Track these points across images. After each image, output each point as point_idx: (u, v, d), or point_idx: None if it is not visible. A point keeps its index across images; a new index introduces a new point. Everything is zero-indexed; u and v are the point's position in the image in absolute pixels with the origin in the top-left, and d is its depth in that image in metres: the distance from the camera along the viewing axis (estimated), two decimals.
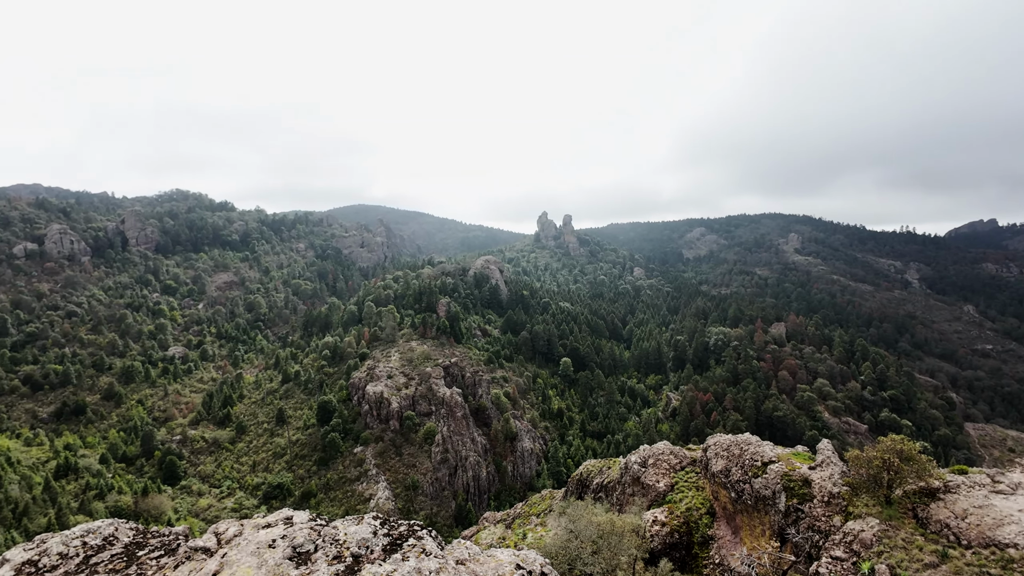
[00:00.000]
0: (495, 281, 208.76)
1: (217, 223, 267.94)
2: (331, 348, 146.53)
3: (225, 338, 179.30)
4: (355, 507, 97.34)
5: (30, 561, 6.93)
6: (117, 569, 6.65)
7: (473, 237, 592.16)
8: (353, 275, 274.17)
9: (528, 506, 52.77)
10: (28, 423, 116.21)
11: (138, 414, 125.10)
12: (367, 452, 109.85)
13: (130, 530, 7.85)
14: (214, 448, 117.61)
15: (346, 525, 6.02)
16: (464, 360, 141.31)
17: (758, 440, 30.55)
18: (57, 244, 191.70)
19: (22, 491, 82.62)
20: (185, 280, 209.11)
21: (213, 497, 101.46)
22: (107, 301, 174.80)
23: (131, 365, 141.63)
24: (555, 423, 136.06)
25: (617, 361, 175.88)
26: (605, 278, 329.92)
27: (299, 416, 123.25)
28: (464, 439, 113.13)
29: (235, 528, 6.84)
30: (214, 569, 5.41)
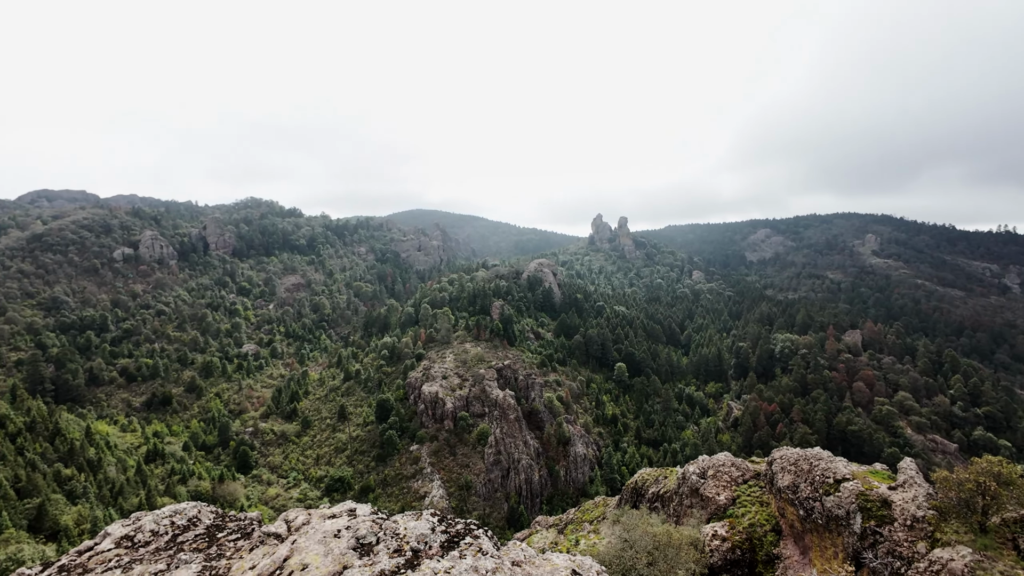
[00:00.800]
0: (548, 284, 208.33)
1: (286, 228, 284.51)
2: (389, 348, 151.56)
3: (293, 337, 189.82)
4: (410, 503, 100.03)
5: (127, 536, 7.62)
6: (200, 548, 7.18)
7: (527, 240, 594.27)
8: (410, 278, 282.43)
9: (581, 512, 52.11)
10: (124, 411, 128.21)
11: (216, 406, 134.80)
12: (422, 451, 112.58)
13: (211, 513, 8.44)
14: (282, 440, 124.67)
15: (406, 520, 6.21)
16: (517, 363, 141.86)
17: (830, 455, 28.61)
18: (149, 249, 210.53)
19: (118, 472, 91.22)
20: (258, 282, 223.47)
21: (280, 487, 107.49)
22: (190, 301, 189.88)
23: (210, 361, 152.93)
24: (609, 429, 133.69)
25: (674, 367, 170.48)
26: (662, 281, 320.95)
27: (359, 413, 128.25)
28: (517, 441, 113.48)
29: (303, 517, 7.22)
30: (285, 554, 5.73)
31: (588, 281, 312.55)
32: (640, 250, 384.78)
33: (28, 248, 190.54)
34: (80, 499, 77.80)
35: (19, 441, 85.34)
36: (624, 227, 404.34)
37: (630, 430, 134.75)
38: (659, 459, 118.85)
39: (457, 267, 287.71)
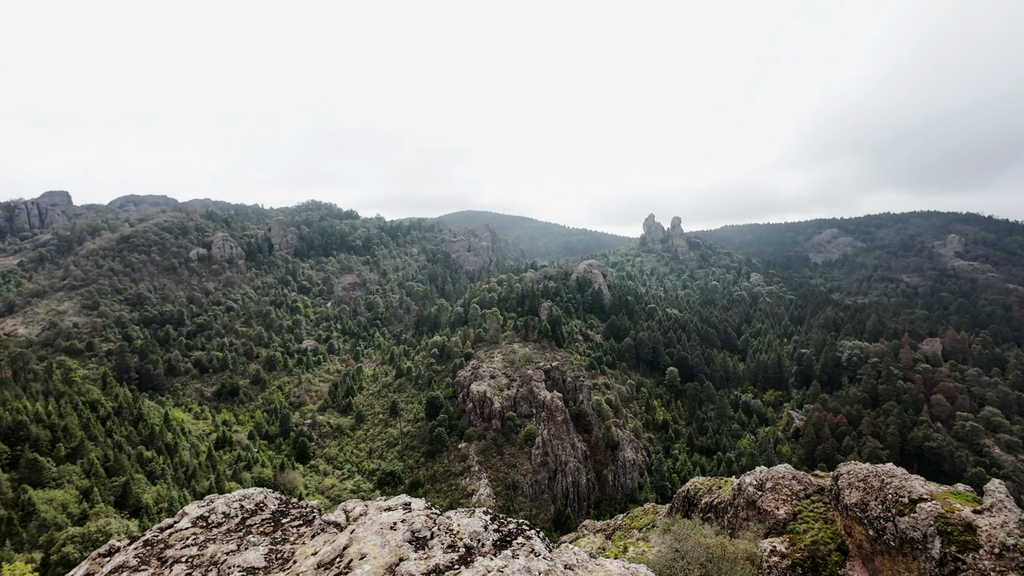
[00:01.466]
0: (598, 285, 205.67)
1: (344, 230, 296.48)
2: (439, 347, 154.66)
3: (348, 334, 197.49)
4: (458, 500, 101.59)
5: (202, 516, 8.18)
6: (266, 532, 7.59)
7: (576, 241, 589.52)
8: (460, 278, 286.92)
9: (629, 518, 51.04)
10: (197, 400, 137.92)
11: (278, 398, 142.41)
12: (470, 449, 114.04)
13: (276, 499, 8.91)
14: (337, 433, 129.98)
15: (459, 516, 6.30)
16: (565, 364, 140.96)
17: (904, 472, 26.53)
18: (220, 249, 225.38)
19: (191, 457, 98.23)
20: (317, 281, 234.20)
21: (336, 478, 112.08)
22: (256, 298, 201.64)
23: (273, 355, 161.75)
24: (660, 435, 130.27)
25: (730, 373, 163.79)
26: (717, 284, 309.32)
27: (410, 409, 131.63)
28: (564, 444, 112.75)
29: (360, 508, 7.48)
30: (344, 543, 5.95)
31: (639, 283, 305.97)
32: (694, 251, 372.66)
33: (117, 248, 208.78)
34: (159, 480, 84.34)
35: (108, 424, 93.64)
36: (677, 227, 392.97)
37: (682, 437, 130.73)
38: (712, 468, 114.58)
39: (506, 268, 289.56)
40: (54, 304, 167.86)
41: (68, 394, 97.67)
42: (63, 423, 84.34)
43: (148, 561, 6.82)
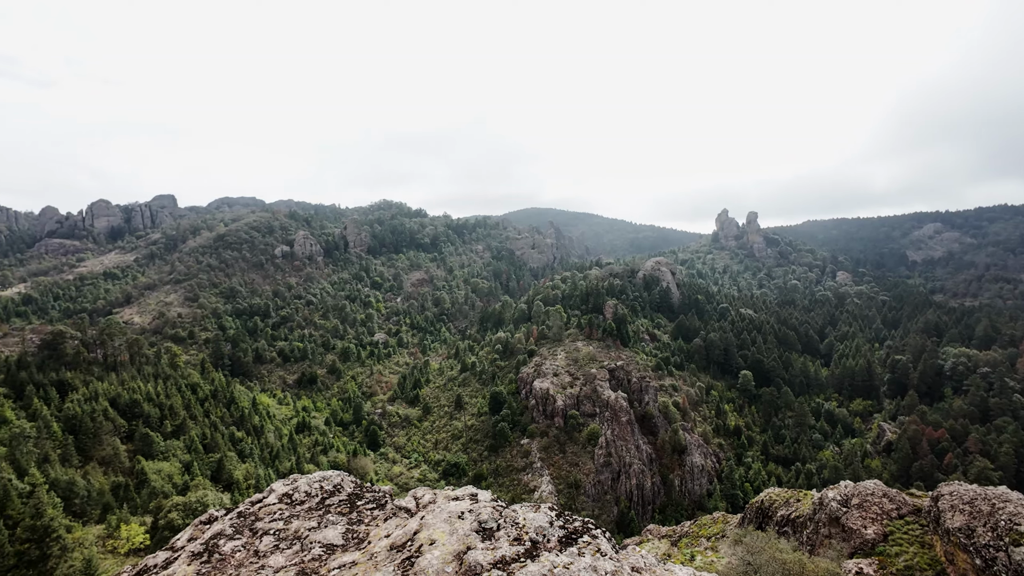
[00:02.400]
0: (666, 284, 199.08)
1: (413, 228, 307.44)
2: (503, 343, 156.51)
3: (416, 328, 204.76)
4: (520, 495, 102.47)
5: (287, 494, 8.82)
6: (343, 512, 8.05)
7: (643, 238, 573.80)
8: (524, 275, 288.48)
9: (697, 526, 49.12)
10: (280, 387, 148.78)
11: (352, 388, 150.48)
12: (532, 445, 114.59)
13: (352, 483, 9.43)
14: (405, 424, 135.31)
15: (524, 510, 6.36)
16: (630, 364, 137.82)
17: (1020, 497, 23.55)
18: (302, 247, 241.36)
19: (275, 439, 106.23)
20: (388, 277, 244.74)
21: (403, 466, 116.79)
22: (333, 293, 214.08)
23: (348, 347, 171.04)
24: (731, 441, 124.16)
25: (811, 379, 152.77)
26: (798, 283, 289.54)
27: (474, 403, 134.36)
28: (628, 445, 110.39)
29: (429, 496, 7.75)
30: (415, 528, 6.18)
31: (710, 281, 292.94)
32: (772, 248, 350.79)
33: (214, 246, 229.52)
34: (248, 458, 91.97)
35: (205, 405, 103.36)
36: (753, 223, 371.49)
37: (755, 444, 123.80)
38: (790, 479, 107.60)
39: (570, 265, 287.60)
40: (162, 296, 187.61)
41: (173, 377, 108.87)
42: (169, 403, 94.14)
43: (241, 531, 7.47)
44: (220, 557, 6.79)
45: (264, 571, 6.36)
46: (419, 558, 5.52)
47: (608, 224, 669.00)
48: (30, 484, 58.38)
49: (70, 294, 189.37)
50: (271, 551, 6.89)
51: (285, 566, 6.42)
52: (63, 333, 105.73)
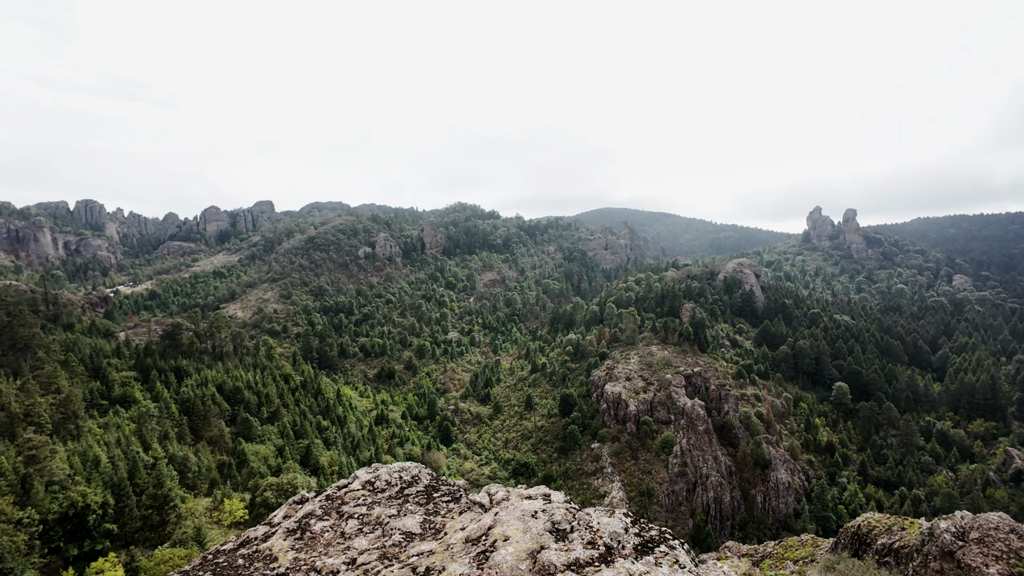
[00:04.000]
0: (749, 287, 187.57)
1: (486, 229, 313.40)
2: (574, 345, 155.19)
3: (488, 328, 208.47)
4: (590, 500, 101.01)
5: (369, 481, 9.32)
6: (421, 503, 8.37)
7: (724, 238, 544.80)
8: (596, 276, 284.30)
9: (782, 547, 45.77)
10: (362, 380, 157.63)
11: (427, 384, 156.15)
12: (603, 449, 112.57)
13: (428, 475, 9.78)
14: (477, 421, 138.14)
15: (598, 514, 6.27)
16: (708, 371, 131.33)
17: None
18: (383, 248, 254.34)
19: (357, 429, 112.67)
20: (461, 277, 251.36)
21: (474, 463, 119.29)
22: (410, 292, 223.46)
23: (423, 344, 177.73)
24: (822, 458, 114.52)
25: (920, 394, 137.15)
26: (905, 287, 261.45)
27: (544, 405, 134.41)
28: (705, 455, 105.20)
29: (503, 493, 7.85)
30: (489, 523, 6.29)
31: (800, 284, 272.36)
32: (873, 248, 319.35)
33: (305, 248, 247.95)
34: (332, 446, 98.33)
35: (296, 395, 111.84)
36: (851, 221, 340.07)
37: (851, 463, 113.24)
38: (892, 505, 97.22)
39: (645, 266, 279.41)
40: (261, 293, 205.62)
41: (269, 368, 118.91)
42: (265, 391, 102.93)
43: (329, 513, 8.00)
44: (311, 535, 7.32)
45: (350, 551, 6.77)
46: (493, 553, 5.61)
47: (686, 224, 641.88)
48: (153, 457, 66.33)
49: (186, 290, 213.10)
50: (355, 534, 7.32)
51: (368, 549, 6.79)
52: (180, 325, 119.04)
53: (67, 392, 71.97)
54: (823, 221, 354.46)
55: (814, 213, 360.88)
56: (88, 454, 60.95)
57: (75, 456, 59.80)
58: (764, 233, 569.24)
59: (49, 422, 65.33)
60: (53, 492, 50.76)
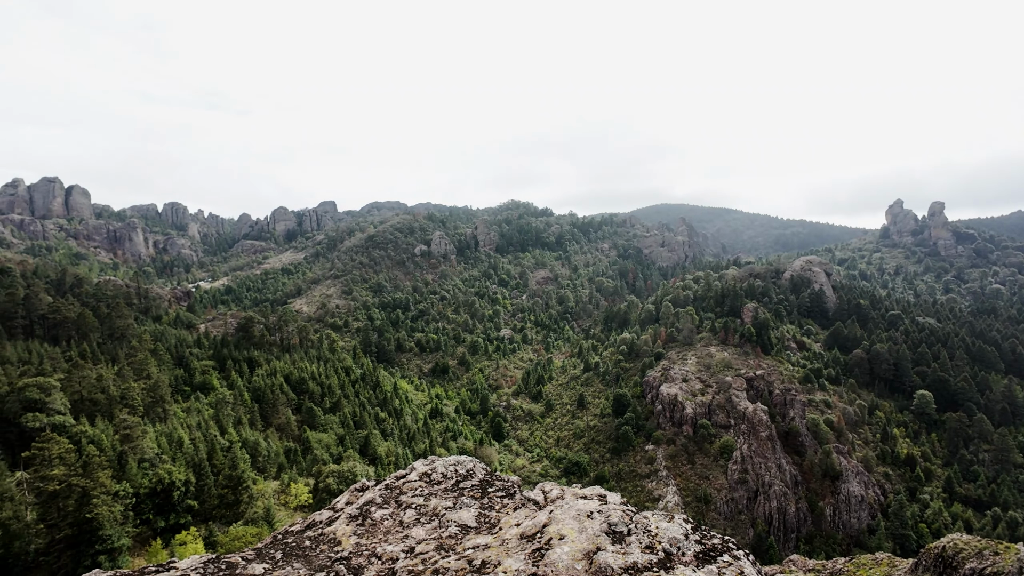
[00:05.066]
0: (819, 286, 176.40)
1: (539, 227, 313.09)
2: (628, 344, 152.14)
3: (540, 325, 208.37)
4: (644, 503, 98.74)
5: (426, 473, 9.54)
6: (476, 497, 8.46)
7: (791, 234, 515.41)
8: (652, 274, 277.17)
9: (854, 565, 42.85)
10: (417, 374, 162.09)
11: (479, 380, 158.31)
12: (658, 452, 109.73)
13: (483, 469, 9.88)
14: (528, 418, 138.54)
15: (656, 519, 6.08)
16: (772, 374, 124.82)
17: None
18: (438, 246, 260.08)
19: (412, 422, 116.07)
20: (514, 275, 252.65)
21: (526, 459, 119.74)
22: (464, 289, 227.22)
23: (476, 341, 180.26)
24: (901, 472, 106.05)
25: (1018, 407, 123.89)
26: (1002, 287, 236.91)
27: (596, 404, 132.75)
28: (768, 463, 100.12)
29: (557, 491, 7.80)
30: (544, 521, 6.27)
31: (877, 284, 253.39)
32: (964, 245, 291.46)
33: (365, 246, 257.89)
34: (389, 437, 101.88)
35: (356, 387, 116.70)
36: (939, 215, 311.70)
37: (935, 479, 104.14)
38: (984, 527, 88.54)
39: (704, 264, 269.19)
40: (324, 289, 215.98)
41: (332, 360, 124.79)
42: (328, 383, 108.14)
43: (389, 502, 8.27)
44: (372, 522, 7.60)
45: (408, 540, 6.97)
46: (549, 551, 5.58)
47: (749, 219, 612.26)
48: (228, 441, 71.39)
49: (257, 286, 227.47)
50: (413, 523, 7.52)
51: (425, 539, 6.96)
52: (252, 319, 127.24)
53: (156, 378, 78.82)
54: (905, 215, 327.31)
55: (894, 207, 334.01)
56: (173, 435, 66.51)
57: (162, 437, 65.43)
58: (836, 229, 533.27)
59: (141, 405, 71.84)
60: (144, 469, 55.79)
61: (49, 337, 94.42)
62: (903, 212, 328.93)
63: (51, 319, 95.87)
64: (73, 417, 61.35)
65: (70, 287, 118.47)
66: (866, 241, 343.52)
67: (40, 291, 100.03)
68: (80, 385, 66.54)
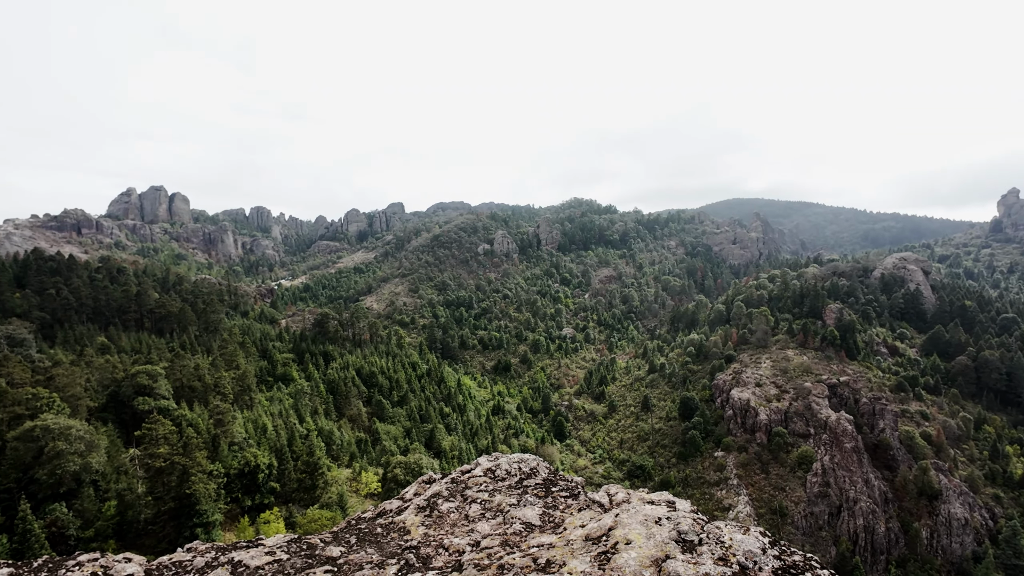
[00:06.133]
0: (915, 285, 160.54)
1: (602, 224, 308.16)
2: (696, 345, 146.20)
3: (603, 325, 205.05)
4: (712, 512, 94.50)
5: (490, 469, 9.66)
6: (540, 496, 8.47)
7: (881, 229, 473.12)
8: (723, 273, 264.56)
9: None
10: (480, 371, 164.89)
11: (541, 378, 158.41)
12: (728, 459, 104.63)
13: (546, 468, 9.86)
14: (591, 419, 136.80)
15: (730, 529, 5.79)
16: (859, 381, 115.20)
17: None
18: (500, 245, 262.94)
19: (475, 417, 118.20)
20: (576, 273, 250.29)
21: (588, 460, 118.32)
22: (526, 288, 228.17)
23: (538, 339, 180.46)
24: (1014, 495, 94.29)
25: None
26: None
27: (662, 407, 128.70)
28: (854, 477, 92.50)
29: (623, 495, 7.63)
30: (609, 524, 6.15)
31: (986, 283, 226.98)
32: None
33: (430, 245, 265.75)
34: (453, 431, 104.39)
35: (422, 382, 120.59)
36: None
37: None
38: None
39: (780, 262, 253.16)
40: (392, 287, 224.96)
41: (399, 356, 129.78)
42: (396, 377, 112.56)
43: (455, 495, 8.46)
44: (439, 514, 7.82)
45: (473, 534, 7.09)
46: (615, 555, 5.46)
47: (832, 214, 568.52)
48: (306, 429, 76.25)
49: (332, 284, 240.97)
50: (478, 518, 7.65)
51: (490, 534, 7.05)
52: (327, 315, 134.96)
53: (243, 369, 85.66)
54: (1021, 206, 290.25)
55: (1009, 196, 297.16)
56: (258, 422, 72.01)
57: (248, 423, 71.02)
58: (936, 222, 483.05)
59: (231, 393, 78.37)
60: (234, 451, 60.83)
61: (155, 329, 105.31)
62: (1019, 202, 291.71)
63: (157, 313, 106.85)
64: (175, 402, 68.05)
65: (172, 285, 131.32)
66: (973, 236, 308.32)
67: (149, 288, 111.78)
68: (181, 373, 73.65)
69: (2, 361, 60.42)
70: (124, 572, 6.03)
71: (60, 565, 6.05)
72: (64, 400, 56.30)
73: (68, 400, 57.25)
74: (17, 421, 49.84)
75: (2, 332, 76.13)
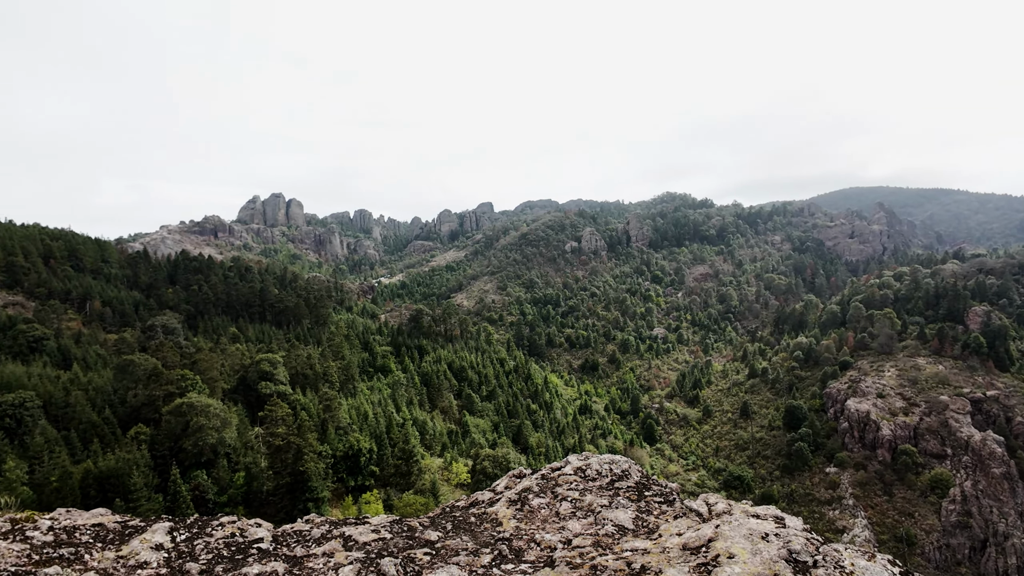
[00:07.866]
0: None
1: (697, 219, 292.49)
2: (804, 350, 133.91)
3: (698, 325, 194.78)
4: (823, 532, 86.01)
5: (580, 468, 9.59)
6: (632, 499, 8.25)
7: None
8: (837, 270, 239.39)
9: None
10: (567, 369, 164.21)
11: (630, 379, 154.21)
12: (843, 477, 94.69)
13: (638, 471, 9.58)
14: (683, 423, 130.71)
15: (851, 554, 5.23)
16: (1012, 396, 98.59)
17: None
18: (588, 242, 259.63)
19: (562, 416, 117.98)
20: (668, 271, 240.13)
21: (680, 466, 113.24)
22: (614, 286, 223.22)
23: (627, 339, 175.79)
24: None
25: None
26: None
27: (764, 415, 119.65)
28: (1004, 508, 79.47)
29: (724, 505, 7.20)
30: (709, 535, 5.83)
31: None
32: None
33: (518, 244, 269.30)
34: (539, 428, 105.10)
35: (509, 378, 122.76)
36: None
37: None
38: None
39: (909, 257, 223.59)
40: (482, 285, 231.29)
41: (488, 351, 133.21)
42: (484, 372, 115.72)
43: (545, 492, 8.51)
44: (530, 509, 7.90)
45: (564, 532, 7.09)
46: (717, 568, 5.16)
47: (978, 201, 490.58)
48: (402, 418, 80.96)
49: (426, 282, 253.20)
50: (569, 516, 7.62)
51: (582, 533, 6.99)
52: (422, 311, 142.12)
53: (348, 359, 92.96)
54: None
55: None
56: (360, 409, 77.73)
57: (352, 410, 76.92)
58: None
59: (337, 381, 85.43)
60: (339, 435, 66.25)
61: (275, 322, 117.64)
62: None
63: (277, 307, 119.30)
64: (291, 387, 75.59)
65: (289, 282, 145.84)
66: None
67: (270, 285, 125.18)
68: (295, 362, 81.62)
69: (159, 347, 71.04)
70: (256, 535, 6.81)
71: (207, 524, 6.97)
72: (204, 382, 64.93)
73: (208, 382, 65.93)
74: (169, 398, 58.33)
75: (159, 322, 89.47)
